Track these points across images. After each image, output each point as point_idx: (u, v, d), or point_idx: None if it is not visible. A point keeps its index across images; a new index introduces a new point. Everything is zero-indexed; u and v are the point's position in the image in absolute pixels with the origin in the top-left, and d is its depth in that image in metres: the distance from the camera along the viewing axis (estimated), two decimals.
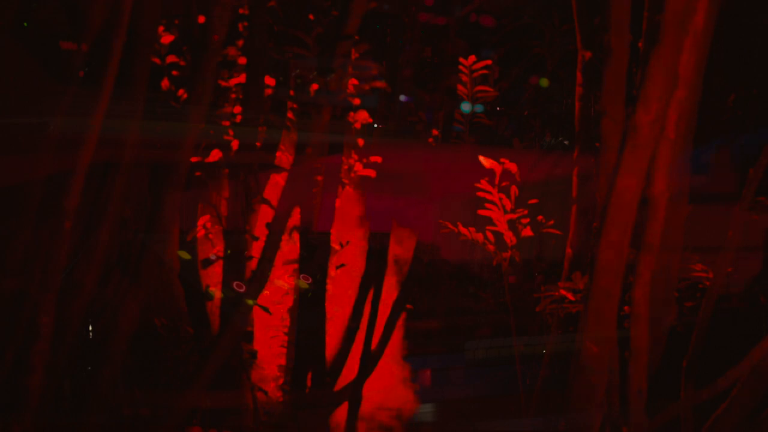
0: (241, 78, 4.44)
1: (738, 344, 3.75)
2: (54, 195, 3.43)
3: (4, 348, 3.38)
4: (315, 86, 4.16)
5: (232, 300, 4.16)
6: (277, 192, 4.35)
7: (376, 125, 5.41)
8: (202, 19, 3.98)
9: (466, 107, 5.74)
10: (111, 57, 3.46)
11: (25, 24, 4.14)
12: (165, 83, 4.38)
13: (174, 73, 4.43)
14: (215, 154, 4.34)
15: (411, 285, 5.28)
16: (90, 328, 3.90)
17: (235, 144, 4.36)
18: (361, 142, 4.98)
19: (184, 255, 4.27)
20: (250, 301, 4.02)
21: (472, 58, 5.48)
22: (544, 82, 6.62)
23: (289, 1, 4.72)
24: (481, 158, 4.56)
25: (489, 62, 5.53)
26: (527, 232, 4.62)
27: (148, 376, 4.21)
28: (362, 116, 4.86)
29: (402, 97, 5.63)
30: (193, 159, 4.17)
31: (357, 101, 4.78)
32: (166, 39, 4.36)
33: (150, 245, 3.78)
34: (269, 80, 4.48)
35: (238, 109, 4.44)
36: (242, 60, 4.46)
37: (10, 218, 3.47)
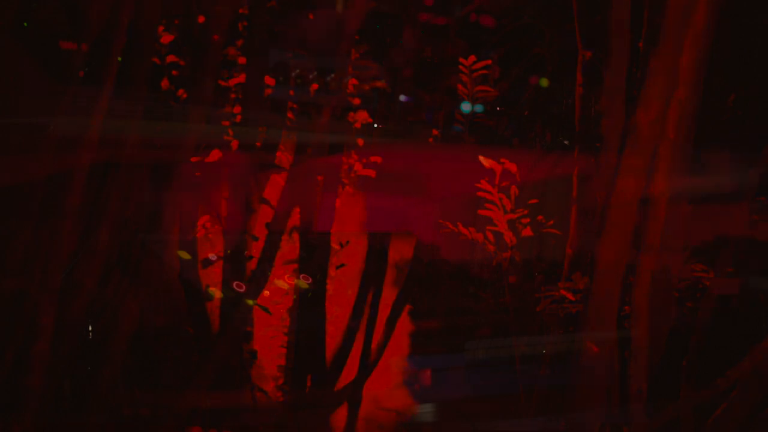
0: (241, 78, 4.45)
1: (738, 344, 3.74)
2: (54, 195, 3.43)
3: (4, 348, 3.38)
4: (315, 86, 4.16)
5: (232, 300, 4.16)
6: (277, 192, 4.35)
7: (376, 125, 5.41)
8: (202, 19, 3.99)
9: (466, 107, 5.74)
10: (111, 57, 3.47)
11: (25, 24, 4.13)
12: (165, 83, 4.38)
13: (174, 73, 4.43)
14: (215, 154, 4.34)
15: (411, 285, 5.29)
16: (90, 328, 3.90)
17: (235, 144, 4.36)
18: (361, 142, 4.99)
19: (184, 255, 4.27)
20: (250, 301, 4.02)
21: (472, 58, 5.48)
22: (544, 82, 6.61)
23: (289, 1, 4.72)
24: (481, 158, 4.56)
25: (489, 62, 5.54)
26: (527, 232, 4.61)
27: (148, 376, 4.21)
28: (362, 116, 4.87)
29: (402, 97, 5.62)
30: (193, 159, 4.17)
31: (357, 101, 4.79)
32: (166, 39, 4.36)
33: (150, 245, 3.78)
34: (269, 80, 4.48)
35: (238, 109, 4.44)
36: (242, 60, 4.46)
37: (10, 218, 3.47)
